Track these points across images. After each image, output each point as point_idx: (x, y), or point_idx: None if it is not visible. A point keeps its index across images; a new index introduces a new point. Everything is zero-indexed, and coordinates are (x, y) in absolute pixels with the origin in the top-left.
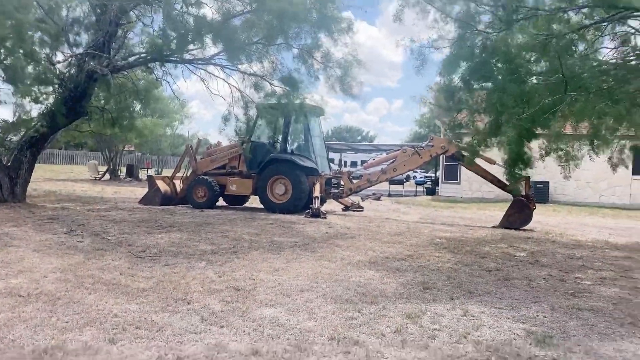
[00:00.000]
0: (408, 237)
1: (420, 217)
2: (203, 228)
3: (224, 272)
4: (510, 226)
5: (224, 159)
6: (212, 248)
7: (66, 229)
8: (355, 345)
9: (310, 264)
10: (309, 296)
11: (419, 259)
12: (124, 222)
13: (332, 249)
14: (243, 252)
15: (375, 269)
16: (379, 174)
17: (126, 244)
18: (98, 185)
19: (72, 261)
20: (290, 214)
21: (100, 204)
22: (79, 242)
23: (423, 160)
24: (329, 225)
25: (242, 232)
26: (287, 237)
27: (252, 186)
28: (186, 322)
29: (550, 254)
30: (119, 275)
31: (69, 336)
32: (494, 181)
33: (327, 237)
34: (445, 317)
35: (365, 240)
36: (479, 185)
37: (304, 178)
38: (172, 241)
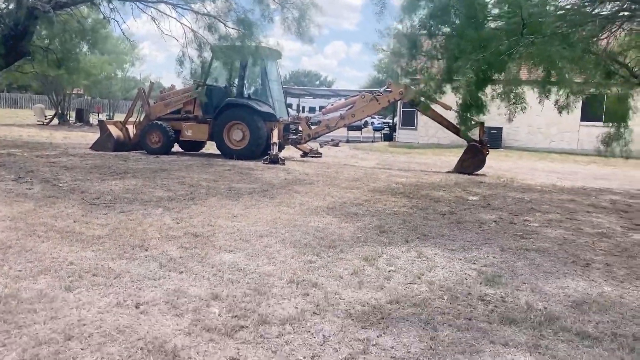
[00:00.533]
0: (365, 182)
1: (377, 163)
2: (158, 174)
3: (181, 219)
4: (464, 171)
5: (179, 103)
6: (168, 195)
7: (14, 176)
8: (313, 288)
9: (269, 210)
10: (268, 241)
11: (376, 203)
12: (76, 169)
13: (290, 195)
14: (200, 199)
15: (334, 214)
16: (337, 120)
17: (79, 191)
18: (46, 131)
19: (22, 209)
20: (248, 160)
21: (49, 149)
22: (28, 190)
23: (381, 105)
24: (288, 172)
25: (199, 178)
26: (245, 183)
27: (208, 132)
28: (144, 268)
29: (501, 197)
30: (73, 223)
31: (22, 284)
32: (449, 127)
33: (285, 183)
34: (400, 259)
35: (324, 186)
36: (435, 131)
37: (261, 123)
38: (127, 188)
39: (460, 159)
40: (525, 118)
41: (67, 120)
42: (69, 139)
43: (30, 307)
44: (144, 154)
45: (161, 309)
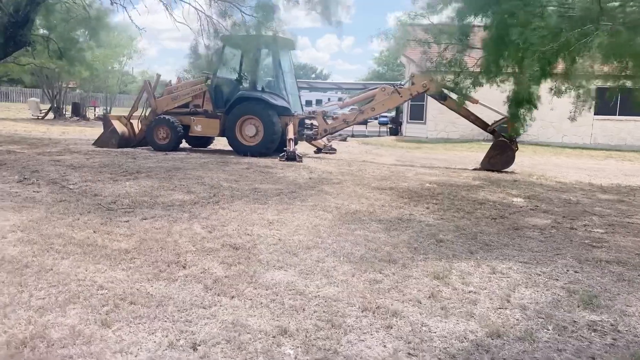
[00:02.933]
0: (395, 181)
1: (396, 159)
2: (174, 174)
3: (213, 227)
4: (492, 168)
5: (187, 96)
6: (190, 197)
7: (18, 177)
8: (394, 317)
9: (304, 215)
10: (317, 255)
11: (417, 206)
12: (84, 168)
13: (321, 197)
14: (226, 202)
15: (377, 220)
16: (356, 114)
17: (91, 194)
18: (42, 125)
19: (32, 216)
20: (262, 157)
21: (49, 146)
22: (35, 193)
23: (403, 99)
24: (310, 170)
25: (218, 178)
26: (269, 183)
27: (219, 127)
28: (188, 292)
29: (546, 199)
30: (93, 234)
31: (49, 318)
32: (476, 121)
33: (312, 183)
34: (473, 275)
35: (354, 186)
36: (444, 125)
37: (276, 118)
38: (143, 190)
39: (487, 155)
40: (538, 112)
41: (63, 114)
42: (67, 134)
43: (64, 352)
44: (150, 150)
45: (224, 350)
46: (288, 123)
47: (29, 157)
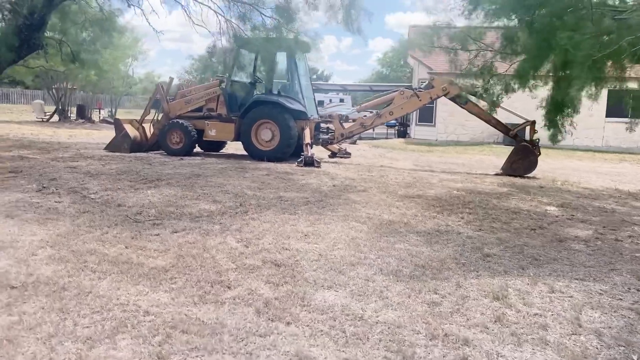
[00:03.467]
0: (421, 188)
1: (413, 164)
2: (195, 181)
3: (248, 240)
4: (514, 173)
5: (200, 100)
6: (217, 207)
7: (36, 185)
8: (465, 346)
9: (339, 227)
10: (365, 272)
11: (450, 216)
12: (101, 175)
13: (351, 207)
14: (255, 212)
15: (415, 232)
16: (374, 118)
17: (115, 204)
18: (48, 128)
19: (59, 230)
20: (279, 162)
21: (60, 151)
22: (57, 203)
23: (422, 102)
24: (331, 176)
25: (240, 185)
26: (293, 191)
27: (234, 131)
28: (240, 317)
29: (579, 207)
30: (126, 250)
31: (100, 352)
32: (497, 126)
33: (336, 191)
34: (532, 295)
35: (380, 194)
36: (454, 127)
37: (292, 122)
38: (167, 199)
39: (509, 160)
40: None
41: (69, 117)
42: (74, 138)
43: None
44: (164, 155)
45: None
46: (304, 127)
47: (43, 164)
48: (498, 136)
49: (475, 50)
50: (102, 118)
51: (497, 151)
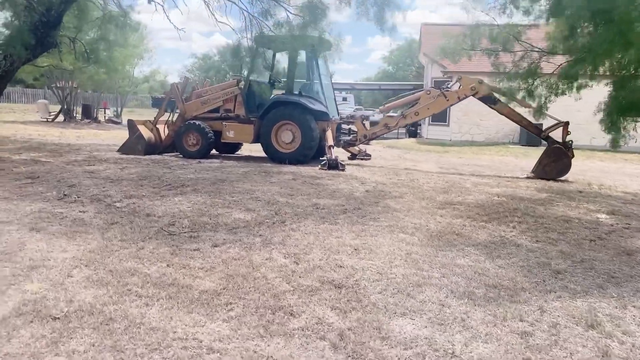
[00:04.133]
0: (458, 194)
1: (438, 167)
2: (221, 187)
3: (296, 256)
4: (546, 176)
5: (217, 101)
6: (252, 217)
7: (56, 193)
8: None
9: (387, 239)
10: (435, 295)
11: (501, 225)
12: (122, 181)
13: (392, 215)
14: (293, 222)
15: (470, 244)
16: (398, 119)
17: (143, 214)
18: (54, 128)
19: (89, 245)
20: (299, 165)
21: (72, 153)
22: (82, 213)
23: (449, 102)
24: (360, 181)
25: (269, 191)
26: (326, 198)
27: (253, 133)
28: (317, 354)
29: (631, 214)
30: (168, 268)
31: None
32: (528, 127)
33: (371, 197)
34: (627, 321)
35: (418, 201)
36: (468, 127)
37: (314, 124)
38: (197, 207)
39: (540, 162)
40: (566, 114)
41: (74, 116)
42: (83, 139)
43: None
44: (179, 157)
45: None
46: (326, 129)
47: (59, 168)
48: (513, 136)
49: (521, 51)
50: (108, 118)
51: (514, 152)
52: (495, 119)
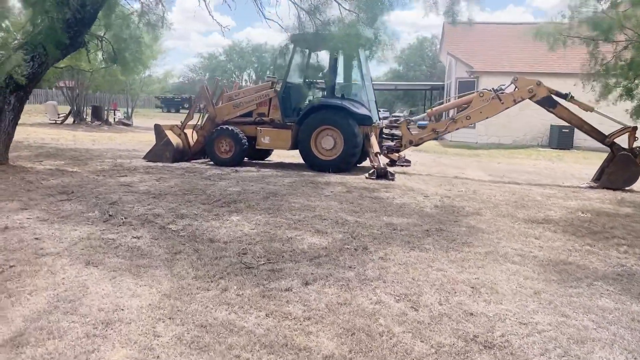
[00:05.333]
0: (536, 209)
1: (488, 174)
2: (275, 202)
3: (408, 298)
4: (612, 186)
5: (251, 104)
6: (328, 241)
7: (98, 212)
8: None
9: (497, 271)
10: (612, 356)
11: (611, 250)
12: (166, 196)
13: (481, 237)
14: (377, 248)
15: (598, 277)
16: (447, 123)
17: (205, 239)
18: (65, 131)
19: (161, 285)
20: (340, 173)
21: (95, 160)
22: (136, 239)
23: (505, 106)
24: (420, 193)
25: (331, 207)
26: (396, 215)
27: (290, 139)
28: None
29: None
30: (268, 320)
31: None
32: (591, 132)
33: (445, 213)
34: None
35: (499, 218)
36: (495, 129)
37: (358, 129)
38: (261, 229)
39: (604, 170)
40: (595, 116)
41: (84, 118)
42: (99, 143)
43: None
44: (211, 165)
45: None
46: (369, 134)
47: (90, 180)
48: (542, 138)
49: (624, 41)
50: (118, 119)
51: (547, 155)
52: (523, 120)
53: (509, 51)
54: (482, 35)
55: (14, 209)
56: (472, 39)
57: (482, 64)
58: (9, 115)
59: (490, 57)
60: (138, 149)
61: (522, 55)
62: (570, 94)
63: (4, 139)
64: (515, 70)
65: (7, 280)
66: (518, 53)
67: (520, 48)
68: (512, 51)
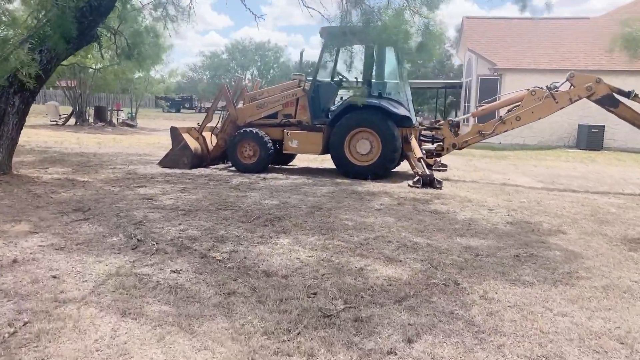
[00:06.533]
0: (623, 226)
1: (537, 180)
2: (324, 219)
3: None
4: None
5: (276, 104)
6: (406, 273)
7: (123, 236)
8: None
9: (628, 312)
10: None
11: None
12: (197, 212)
13: (580, 264)
14: (468, 282)
15: None
16: (495, 124)
17: (259, 272)
18: (67, 133)
19: (227, 350)
20: (378, 180)
21: (106, 167)
22: (176, 274)
23: (559, 105)
24: (485, 206)
25: (390, 225)
26: (469, 236)
27: (321, 142)
28: None
29: None
30: None
31: None
32: None
33: (524, 233)
34: None
35: (587, 237)
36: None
37: (397, 131)
38: (321, 256)
39: None
40: None
41: (87, 119)
42: (105, 146)
43: None
44: (230, 170)
45: None
46: (408, 136)
47: (106, 193)
48: (568, 139)
49: None
50: (122, 120)
51: (577, 157)
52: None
53: (533, 47)
54: (503, 31)
55: (23, 233)
56: (493, 35)
57: (505, 60)
58: (13, 119)
59: (514, 54)
60: (149, 153)
61: (547, 52)
62: (634, 91)
63: (7, 146)
64: (540, 67)
65: (21, 347)
66: (542, 49)
67: (544, 44)
68: (536, 47)
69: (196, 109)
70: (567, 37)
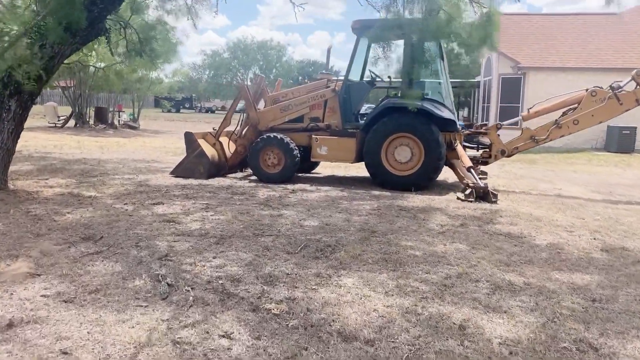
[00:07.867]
0: None
1: (591, 191)
2: (382, 248)
3: None
4: None
5: (302, 107)
6: (521, 332)
7: (147, 277)
8: None
9: None
10: None
11: None
12: (232, 240)
13: None
14: (600, 342)
15: None
16: (550, 129)
17: (334, 332)
18: (67, 136)
19: None
20: (420, 192)
21: (113, 177)
22: (227, 340)
23: (624, 107)
24: (560, 227)
25: (466, 257)
26: (566, 270)
27: (354, 149)
28: None
29: None
30: None
31: None
32: None
33: (627, 265)
34: None
35: None
36: None
37: (441, 137)
38: (404, 305)
39: None
40: None
41: (87, 121)
42: (109, 152)
43: None
44: (251, 179)
45: None
46: (453, 142)
47: (119, 214)
48: (596, 141)
49: None
50: (124, 122)
51: (609, 160)
52: None
53: (557, 44)
54: (526, 28)
55: (21, 276)
56: (515, 32)
57: (529, 58)
58: (8, 126)
59: (537, 51)
60: (157, 159)
61: (573, 49)
62: None
63: (2, 157)
64: (567, 65)
65: None
66: (568, 46)
67: (569, 41)
68: (561, 44)
69: (196, 109)
70: (594, 34)
